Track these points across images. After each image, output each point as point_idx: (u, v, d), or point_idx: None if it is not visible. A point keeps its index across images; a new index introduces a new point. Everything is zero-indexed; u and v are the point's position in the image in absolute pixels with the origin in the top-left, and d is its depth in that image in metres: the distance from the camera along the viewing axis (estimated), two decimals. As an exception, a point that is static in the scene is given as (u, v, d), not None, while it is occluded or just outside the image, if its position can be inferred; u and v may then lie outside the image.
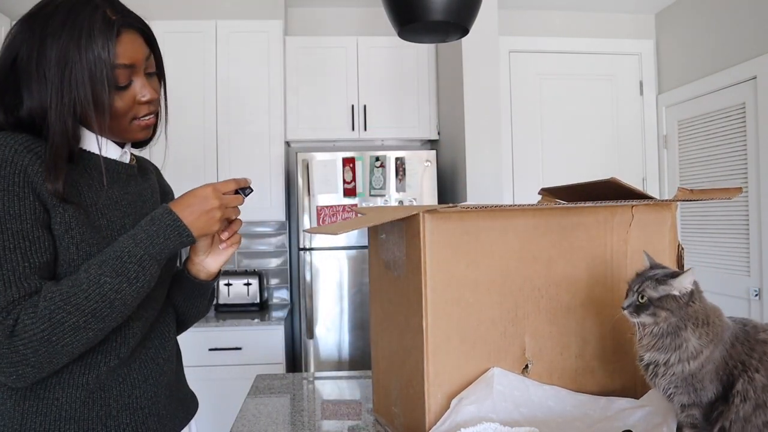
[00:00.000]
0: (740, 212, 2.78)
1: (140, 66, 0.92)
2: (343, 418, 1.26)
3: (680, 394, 0.80)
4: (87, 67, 0.85)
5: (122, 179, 0.99)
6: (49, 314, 0.79)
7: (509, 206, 0.95)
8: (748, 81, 2.72)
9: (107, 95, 0.87)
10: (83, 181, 0.91)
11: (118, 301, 0.83)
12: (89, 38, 0.85)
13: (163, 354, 1.03)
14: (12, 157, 0.82)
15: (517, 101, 3.37)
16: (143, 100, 0.93)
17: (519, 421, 0.89)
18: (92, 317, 0.81)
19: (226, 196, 0.95)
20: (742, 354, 0.79)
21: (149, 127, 0.98)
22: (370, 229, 1.17)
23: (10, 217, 0.80)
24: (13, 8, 3.07)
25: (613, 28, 3.48)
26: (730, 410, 0.77)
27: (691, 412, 0.81)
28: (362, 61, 3.18)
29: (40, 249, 0.83)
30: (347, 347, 2.91)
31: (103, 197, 0.93)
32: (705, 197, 1.01)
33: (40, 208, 0.83)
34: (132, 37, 0.90)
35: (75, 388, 0.88)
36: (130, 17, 0.91)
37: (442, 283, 0.93)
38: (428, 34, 1.49)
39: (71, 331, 0.80)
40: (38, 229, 0.83)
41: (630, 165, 3.44)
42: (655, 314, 0.81)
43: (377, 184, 2.89)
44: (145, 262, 0.86)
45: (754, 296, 2.69)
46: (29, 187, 0.82)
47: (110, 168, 0.97)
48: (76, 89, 0.85)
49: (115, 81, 0.88)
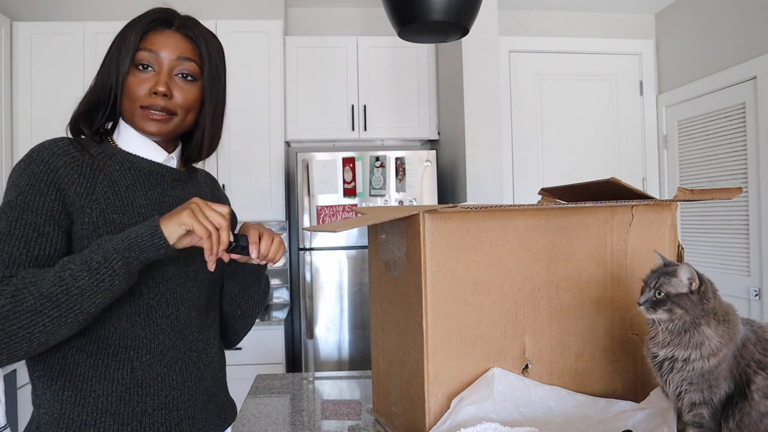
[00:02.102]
0: (740, 212, 2.78)
1: (167, 59, 0.97)
2: (343, 418, 1.26)
3: (693, 391, 0.81)
4: (118, 45, 0.97)
5: (166, 182, 1.03)
6: (14, 292, 0.80)
7: (509, 206, 0.95)
8: (748, 81, 2.72)
9: (125, 65, 0.95)
10: (123, 181, 0.96)
11: (76, 289, 0.80)
12: (130, 28, 0.98)
13: (205, 359, 1.03)
14: (48, 158, 0.90)
15: (517, 101, 3.37)
16: (155, 89, 0.95)
17: (519, 421, 0.89)
18: (47, 301, 0.79)
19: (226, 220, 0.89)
20: (756, 353, 0.80)
21: (157, 123, 0.98)
22: (370, 230, 1.17)
23: (27, 209, 0.86)
24: (13, 8, 3.07)
25: (613, 28, 3.48)
26: (751, 405, 0.78)
27: (700, 411, 0.81)
28: (362, 61, 3.18)
29: (45, 243, 0.86)
30: (347, 347, 2.91)
31: (142, 197, 0.97)
32: (705, 197, 1.01)
33: (60, 208, 0.88)
34: (170, 34, 0.99)
35: (111, 382, 0.90)
36: (183, 22, 1.00)
37: (442, 283, 0.93)
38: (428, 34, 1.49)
39: (28, 314, 0.79)
40: (50, 226, 0.87)
41: (630, 165, 3.44)
42: (671, 310, 0.82)
43: (377, 184, 2.89)
44: (110, 256, 0.82)
45: (754, 296, 2.69)
46: (54, 187, 0.88)
47: (153, 170, 1.01)
48: (109, 60, 0.98)
49: (134, 58, 0.96)
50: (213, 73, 1.02)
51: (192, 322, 1.01)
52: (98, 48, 2.87)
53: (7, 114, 2.82)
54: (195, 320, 1.02)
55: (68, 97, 2.87)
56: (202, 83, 1.02)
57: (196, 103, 1.02)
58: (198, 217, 0.85)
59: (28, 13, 3.09)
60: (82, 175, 0.91)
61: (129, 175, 0.98)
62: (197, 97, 1.02)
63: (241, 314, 1.14)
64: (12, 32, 2.85)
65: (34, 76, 2.87)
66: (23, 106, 2.85)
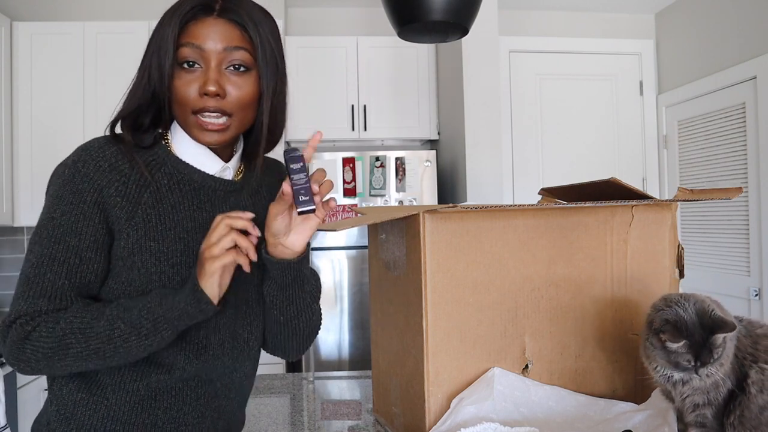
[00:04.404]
0: (740, 212, 2.78)
1: (214, 52, 0.85)
2: (343, 418, 1.26)
3: (697, 394, 0.81)
4: (157, 41, 0.86)
5: (218, 197, 0.94)
6: (62, 336, 0.80)
7: (509, 206, 0.95)
8: (748, 81, 2.72)
9: (168, 67, 0.84)
10: (170, 198, 0.89)
11: (123, 348, 0.82)
12: (166, 22, 0.86)
13: (226, 380, 0.97)
14: (93, 174, 0.84)
15: (517, 101, 3.37)
16: (205, 90, 0.84)
17: (519, 422, 0.89)
18: (95, 354, 0.82)
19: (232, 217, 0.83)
20: (749, 347, 0.80)
21: (213, 133, 0.87)
22: (370, 230, 1.17)
23: (70, 231, 0.83)
24: (13, 8, 3.07)
25: (613, 28, 3.48)
26: (749, 399, 0.78)
27: (703, 412, 0.81)
28: (362, 61, 3.18)
29: (87, 269, 0.84)
30: (347, 347, 2.91)
31: (187, 219, 0.90)
32: (705, 197, 1.01)
33: (103, 230, 0.85)
34: (212, 22, 0.85)
35: (126, 393, 0.89)
36: (225, 4, 0.87)
37: (442, 283, 0.93)
38: (428, 34, 1.49)
39: (73, 357, 0.81)
40: (92, 251, 0.84)
41: (630, 165, 3.44)
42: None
43: (377, 184, 2.89)
44: (159, 324, 0.82)
45: (754, 296, 2.69)
46: (99, 208, 0.84)
47: (205, 184, 0.92)
48: (149, 59, 0.86)
49: (177, 56, 0.85)
50: (268, 59, 0.89)
51: (225, 352, 0.94)
52: (98, 48, 2.87)
53: (7, 114, 2.82)
54: (228, 350, 0.95)
55: (68, 97, 2.88)
56: (257, 71, 0.89)
57: (253, 96, 0.89)
58: (224, 258, 0.81)
59: (28, 13, 3.09)
60: (125, 197, 0.85)
61: (177, 191, 0.90)
62: (254, 90, 0.89)
63: (285, 321, 0.99)
64: (12, 32, 2.85)
65: (34, 76, 2.87)
66: (23, 106, 2.85)
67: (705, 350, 0.77)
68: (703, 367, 0.77)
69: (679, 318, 0.79)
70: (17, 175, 2.83)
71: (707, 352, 0.77)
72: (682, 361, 0.78)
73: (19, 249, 3.10)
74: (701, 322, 0.78)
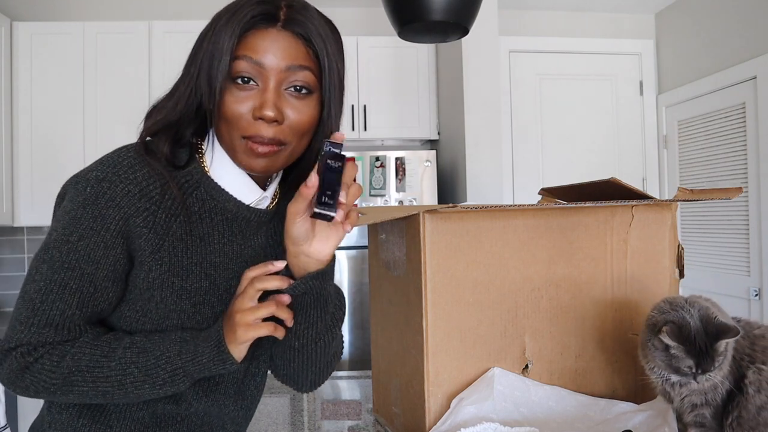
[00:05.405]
0: (740, 212, 2.78)
1: (274, 71, 0.74)
2: (343, 418, 1.26)
3: (695, 395, 0.81)
4: (209, 49, 0.75)
5: (250, 228, 0.85)
6: (68, 374, 0.74)
7: (509, 206, 0.95)
8: (748, 81, 2.72)
9: (219, 79, 0.73)
10: (199, 229, 0.80)
11: (134, 394, 0.77)
12: (222, 27, 0.74)
13: (227, 411, 0.93)
14: (120, 199, 0.74)
15: (517, 101, 3.37)
16: (262, 114, 0.73)
17: (519, 422, 0.89)
18: (102, 396, 0.76)
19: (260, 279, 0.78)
20: (746, 348, 0.81)
21: (263, 159, 0.76)
22: (370, 230, 1.17)
23: (88, 259, 0.74)
24: (13, 8, 3.07)
25: (613, 28, 3.48)
26: (747, 400, 0.78)
27: (701, 412, 0.81)
28: (362, 61, 3.18)
29: (101, 298, 0.77)
30: (347, 347, 2.91)
31: (216, 253, 0.82)
32: (705, 197, 1.01)
33: (123, 261, 0.76)
34: (276, 35, 0.74)
35: (132, 421, 0.84)
36: (291, 14, 0.76)
37: (442, 283, 0.93)
38: (428, 34, 1.49)
39: (77, 395, 0.77)
40: (109, 281, 0.76)
41: (630, 165, 3.44)
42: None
43: (377, 184, 2.89)
44: (177, 376, 0.76)
45: (754, 296, 2.69)
46: (122, 237, 0.75)
47: (239, 215, 0.82)
48: (197, 67, 0.76)
49: (231, 70, 0.74)
50: (334, 81, 0.80)
51: (235, 390, 0.91)
52: (98, 48, 2.87)
53: (7, 114, 2.81)
54: (239, 387, 0.92)
55: (68, 97, 2.88)
56: (320, 95, 0.79)
57: (312, 123, 0.79)
58: (260, 330, 0.76)
59: (28, 13, 3.09)
60: (153, 229, 0.76)
61: (208, 220, 0.81)
62: (314, 116, 0.79)
63: (299, 347, 0.87)
64: (12, 32, 2.85)
65: (34, 76, 2.87)
66: (23, 106, 2.85)
67: (707, 357, 0.76)
68: (703, 375, 0.77)
69: (684, 323, 0.78)
70: (17, 175, 2.83)
71: (709, 359, 0.76)
72: (682, 366, 0.78)
73: (19, 249, 3.10)
74: (705, 329, 0.77)
